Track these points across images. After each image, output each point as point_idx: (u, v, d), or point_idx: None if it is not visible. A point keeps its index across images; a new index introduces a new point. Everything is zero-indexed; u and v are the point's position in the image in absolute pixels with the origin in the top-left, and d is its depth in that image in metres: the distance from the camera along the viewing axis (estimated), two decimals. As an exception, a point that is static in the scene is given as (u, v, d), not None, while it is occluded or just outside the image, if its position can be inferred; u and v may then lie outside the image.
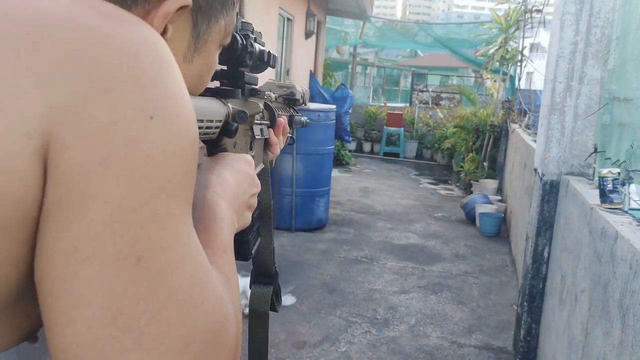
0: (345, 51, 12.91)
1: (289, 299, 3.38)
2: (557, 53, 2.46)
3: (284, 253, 4.23)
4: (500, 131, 7.20)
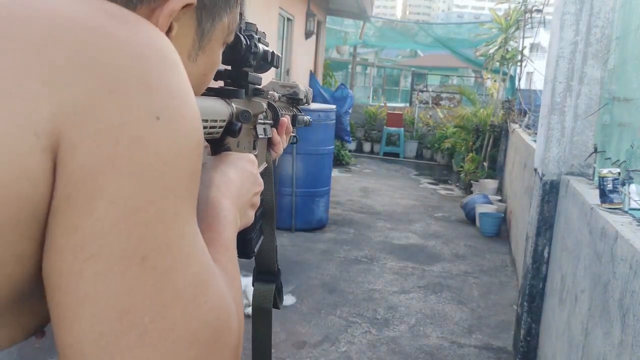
0: (345, 51, 12.91)
1: (289, 299, 3.38)
2: (557, 53, 2.46)
3: (284, 253, 4.23)
4: (500, 131, 7.20)
